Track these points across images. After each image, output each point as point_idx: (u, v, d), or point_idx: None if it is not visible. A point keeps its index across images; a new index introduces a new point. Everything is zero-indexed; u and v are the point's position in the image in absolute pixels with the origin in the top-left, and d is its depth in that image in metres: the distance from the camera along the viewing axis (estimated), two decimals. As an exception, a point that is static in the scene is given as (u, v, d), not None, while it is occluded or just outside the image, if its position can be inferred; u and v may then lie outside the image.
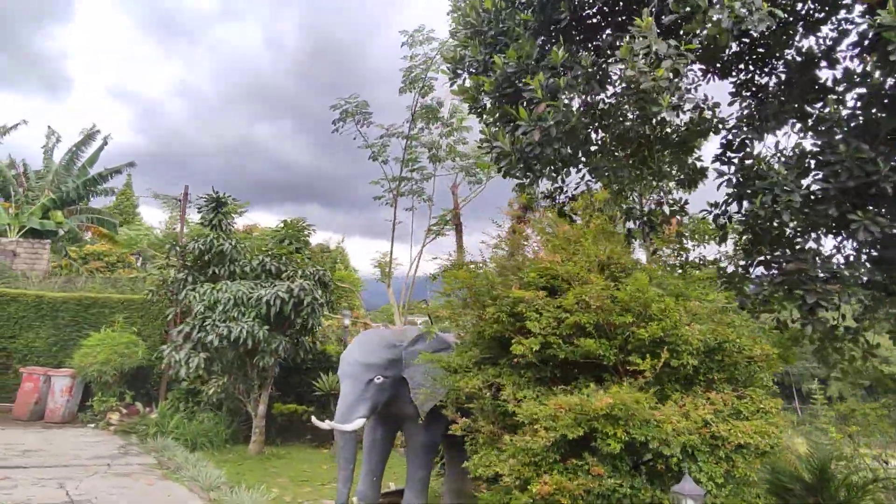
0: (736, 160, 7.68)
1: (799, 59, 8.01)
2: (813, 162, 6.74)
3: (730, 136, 7.71)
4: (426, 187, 14.07)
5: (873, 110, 6.04)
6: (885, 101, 5.88)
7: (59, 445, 8.96)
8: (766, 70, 8.57)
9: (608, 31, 6.85)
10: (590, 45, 7.24)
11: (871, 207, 5.57)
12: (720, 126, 8.29)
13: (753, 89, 8.51)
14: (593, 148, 7.50)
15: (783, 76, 8.38)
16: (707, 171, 8.35)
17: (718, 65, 8.29)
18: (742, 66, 8.38)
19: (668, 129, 8.66)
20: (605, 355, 4.12)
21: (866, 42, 6.09)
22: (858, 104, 6.22)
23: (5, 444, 8.79)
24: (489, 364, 4.82)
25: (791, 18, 7.32)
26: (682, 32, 5.73)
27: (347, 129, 12.67)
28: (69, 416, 11.33)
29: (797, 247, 7.51)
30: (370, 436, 6.60)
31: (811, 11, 7.17)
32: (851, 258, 6.14)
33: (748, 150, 7.75)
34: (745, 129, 7.73)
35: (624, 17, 7.18)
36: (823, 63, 7.33)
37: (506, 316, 4.39)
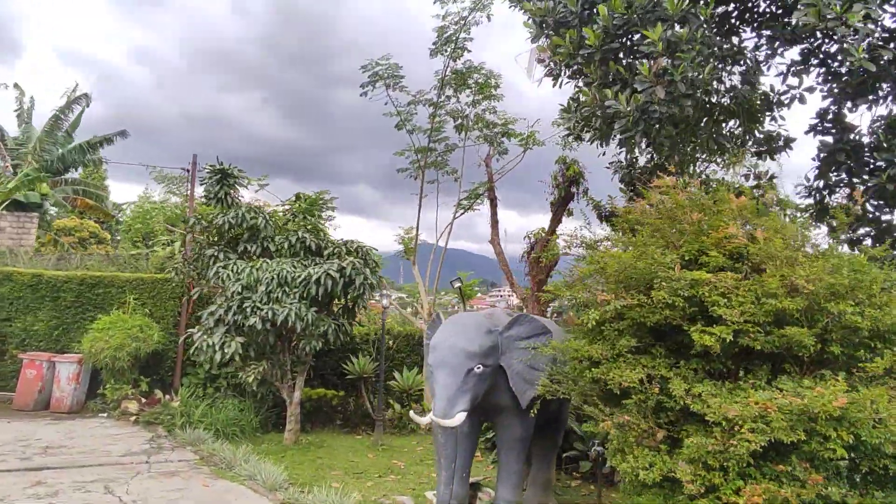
0: (834, 131, 7.23)
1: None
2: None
3: (831, 106, 7.24)
4: (450, 160, 13.33)
5: None
6: None
7: (81, 440, 8.11)
8: (836, 38, 8.09)
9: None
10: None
11: None
12: (793, 95, 7.80)
13: (821, 57, 8.04)
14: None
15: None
16: (792, 143, 7.88)
17: (788, 29, 7.77)
18: (808, 32, 7.87)
19: (740, 98, 8.12)
20: (806, 345, 3.60)
21: None
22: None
23: (20, 439, 7.91)
24: (641, 354, 4.27)
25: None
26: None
27: (377, 94, 11.76)
28: (77, 405, 10.42)
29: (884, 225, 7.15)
30: (457, 429, 6.01)
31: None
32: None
33: (845, 121, 7.29)
34: (841, 99, 7.25)
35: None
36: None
37: (682, 301, 3.81)
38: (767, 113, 7.67)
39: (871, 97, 6.73)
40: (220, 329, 8.46)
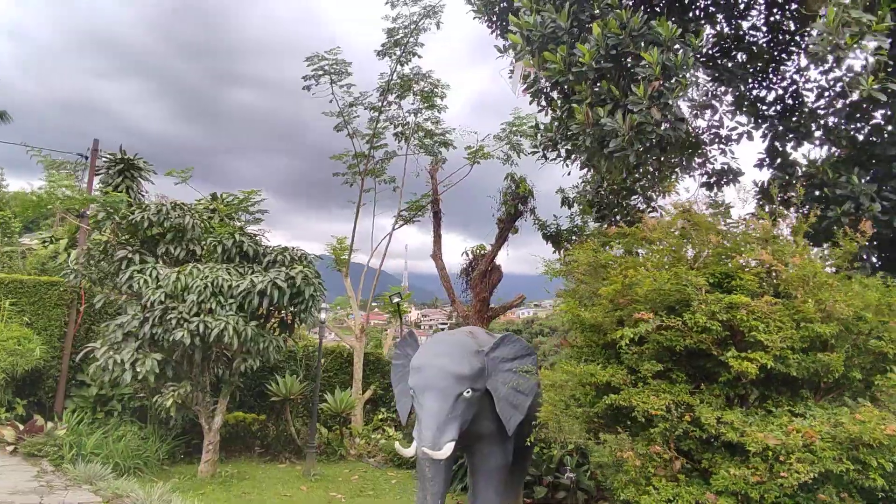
0: (783, 165, 7.76)
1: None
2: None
3: (775, 143, 7.77)
4: (388, 168, 12.79)
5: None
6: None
7: (-63, 481, 6.42)
8: (765, 84, 8.85)
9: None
10: (691, 25, 6.76)
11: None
12: (741, 132, 8.36)
13: (752, 99, 8.72)
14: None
15: (780, 90, 8.72)
16: (741, 176, 8.36)
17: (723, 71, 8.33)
18: (741, 75, 8.50)
19: (686, 132, 8.53)
20: (834, 370, 3.60)
21: None
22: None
23: None
24: (660, 379, 4.07)
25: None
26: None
27: (320, 90, 10.96)
28: (-77, 434, 8.35)
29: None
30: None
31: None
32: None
33: (789, 157, 7.87)
34: (787, 137, 7.82)
35: None
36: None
37: (718, 325, 3.67)
38: (720, 146, 8.12)
39: (818, 138, 7.30)
40: (130, 344, 7.18)
